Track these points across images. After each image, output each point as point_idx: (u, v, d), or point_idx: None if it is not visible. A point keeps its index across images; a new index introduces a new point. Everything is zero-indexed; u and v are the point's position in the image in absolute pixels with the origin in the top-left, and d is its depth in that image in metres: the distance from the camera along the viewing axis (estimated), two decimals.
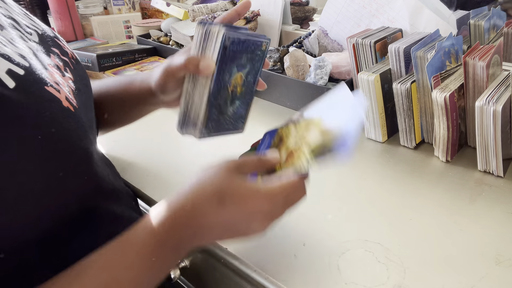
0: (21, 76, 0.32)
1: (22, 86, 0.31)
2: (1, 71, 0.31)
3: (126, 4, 1.37)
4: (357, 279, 0.42)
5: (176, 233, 0.36)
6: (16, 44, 0.36)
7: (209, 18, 0.94)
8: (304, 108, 0.45)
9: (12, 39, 0.36)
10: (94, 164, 0.39)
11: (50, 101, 0.33)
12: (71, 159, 0.35)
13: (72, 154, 0.35)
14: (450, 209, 0.52)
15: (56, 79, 0.37)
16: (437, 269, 0.43)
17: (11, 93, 0.30)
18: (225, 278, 0.50)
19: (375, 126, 0.67)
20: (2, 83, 0.30)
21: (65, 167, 0.34)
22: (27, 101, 0.31)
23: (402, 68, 0.65)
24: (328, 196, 0.55)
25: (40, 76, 0.35)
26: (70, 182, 0.35)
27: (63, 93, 0.36)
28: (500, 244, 0.46)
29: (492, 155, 0.57)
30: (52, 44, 0.42)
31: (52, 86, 0.35)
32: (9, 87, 0.30)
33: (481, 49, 0.60)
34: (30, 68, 0.34)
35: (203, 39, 0.43)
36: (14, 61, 0.33)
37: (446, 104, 0.57)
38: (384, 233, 0.48)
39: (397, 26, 0.76)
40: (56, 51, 0.42)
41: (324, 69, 0.76)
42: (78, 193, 0.37)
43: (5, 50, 0.33)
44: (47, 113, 0.33)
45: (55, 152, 0.33)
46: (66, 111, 0.35)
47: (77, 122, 0.36)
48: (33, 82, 0.33)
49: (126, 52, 1.04)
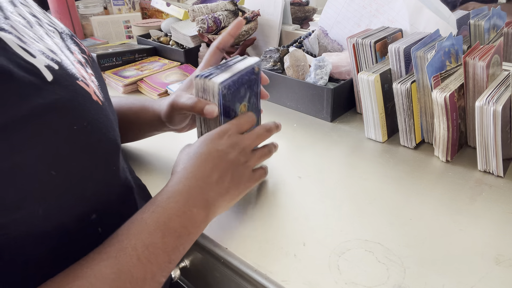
0: (57, 71, 0.34)
1: (58, 79, 0.33)
2: (40, 64, 0.32)
3: (126, 4, 1.37)
4: (357, 279, 0.42)
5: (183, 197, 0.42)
6: (46, 41, 0.37)
7: (209, 18, 0.94)
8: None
9: (42, 36, 0.38)
10: (120, 156, 0.42)
11: (82, 95, 0.35)
12: (102, 150, 0.37)
13: (103, 145, 0.37)
14: (450, 209, 0.52)
15: (82, 74, 0.38)
16: (437, 269, 0.43)
17: (49, 86, 0.32)
18: (225, 278, 0.50)
19: (375, 126, 0.67)
20: (42, 77, 0.31)
21: (97, 157, 0.36)
22: (63, 94, 0.33)
23: (402, 68, 0.65)
24: (328, 196, 0.55)
25: (72, 71, 0.36)
26: (100, 172, 0.37)
27: (91, 87, 0.38)
28: (500, 244, 0.46)
29: (492, 155, 0.57)
30: (72, 42, 0.44)
31: (82, 81, 0.37)
32: (48, 81, 0.32)
33: (481, 49, 0.60)
34: (62, 63, 0.36)
35: (203, 92, 0.48)
36: (49, 56, 0.34)
37: (446, 104, 0.57)
38: (384, 233, 0.48)
39: (397, 26, 0.76)
40: (76, 48, 0.43)
41: (324, 69, 0.76)
42: (106, 183, 0.39)
43: (39, 46, 0.35)
44: (81, 105, 0.34)
45: (89, 143, 0.34)
46: (95, 104, 0.36)
47: (105, 115, 0.38)
48: (67, 76, 0.35)
49: (126, 52, 1.04)
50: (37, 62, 0.32)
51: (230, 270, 0.47)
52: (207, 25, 0.94)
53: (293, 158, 0.65)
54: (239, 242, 0.48)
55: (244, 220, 0.51)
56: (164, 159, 0.67)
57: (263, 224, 0.50)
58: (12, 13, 0.36)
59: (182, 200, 0.41)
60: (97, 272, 0.34)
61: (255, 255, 0.46)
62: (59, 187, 0.32)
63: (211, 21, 0.95)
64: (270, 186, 0.58)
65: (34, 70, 0.31)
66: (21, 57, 0.31)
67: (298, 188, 0.57)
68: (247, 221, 0.51)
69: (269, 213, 0.52)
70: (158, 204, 0.40)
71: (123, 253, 0.36)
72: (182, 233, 0.40)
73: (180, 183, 0.43)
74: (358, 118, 0.77)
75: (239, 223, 0.51)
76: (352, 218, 0.51)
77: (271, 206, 0.54)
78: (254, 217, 0.52)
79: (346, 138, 0.71)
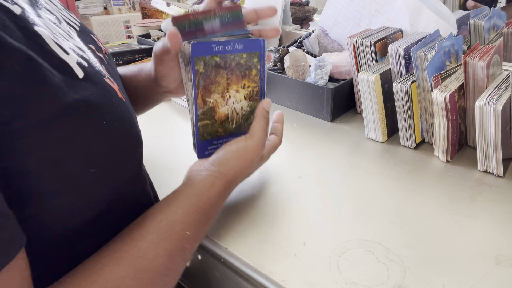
0: (87, 68, 0.35)
1: (89, 76, 0.34)
2: (73, 62, 0.33)
3: (126, 4, 1.38)
4: (357, 279, 0.42)
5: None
6: (74, 38, 0.38)
7: None
8: None
9: (70, 32, 0.38)
10: (142, 151, 0.42)
11: (110, 92, 0.36)
12: (128, 144, 0.38)
13: (129, 139, 0.38)
14: (450, 209, 0.52)
15: (105, 72, 0.39)
16: (437, 269, 0.43)
17: (82, 82, 0.33)
18: (225, 278, 0.50)
19: (375, 126, 0.67)
20: (74, 74, 0.33)
21: (124, 151, 0.37)
22: (95, 90, 0.34)
23: (402, 68, 0.65)
24: (328, 196, 0.55)
25: (98, 68, 0.37)
26: (125, 166, 0.38)
27: (115, 85, 0.38)
28: (500, 244, 0.46)
29: (492, 155, 0.57)
30: (90, 40, 0.44)
31: (108, 78, 0.37)
32: (79, 77, 0.33)
33: (481, 49, 0.60)
34: (89, 61, 0.37)
35: (182, 55, 0.47)
36: (79, 54, 0.36)
37: (446, 104, 0.57)
38: (384, 233, 0.48)
39: (397, 26, 0.76)
40: (93, 47, 0.44)
41: (324, 69, 0.76)
42: (129, 176, 0.40)
43: (69, 44, 0.36)
44: (110, 102, 0.35)
45: (116, 137, 0.35)
46: (120, 100, 0.38)
47: (129, 111, 0.39)
48: (95, 74, 0.36)
49: (126, 52, 1.04)
50: (70, 59, 0.33)
51: (230, 270, 0.47)
52: None
53: (293, 158, 0.65)
54: (239, 242, 0.48)
55: (244, 220, 0.51)
56: (167, 162, 0.67)
57: (263, 224, 0.50)
58: (41, 10, 0.37)
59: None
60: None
61: (255, 255, 0.46)
62: (91, 181, 0.33)
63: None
64: (270, 186, 0.58)
65: (67, 68, 0.32)
66: (56, 55, 0.32)
67: (298, 188, 0.57)
68: (247, 221, 0.51)
69: (269, 213, 0.52)
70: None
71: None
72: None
73: (228, 189, 0.47)
74: (358, 118, 0.77)
75: (239, 223, 0.51)
76: (352, 218, 0.51)
77: (271, 206, 0.54)
78: (254, 217, 0.52)
79: (346, 138, 0.71)
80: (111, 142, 0.35)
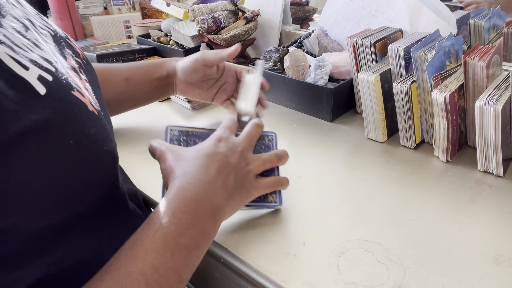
0: (50, 82, 0.32)
1: (52, 92, 0.31)
2: (33, 78, 0.30)
3: (126, 4, 1.37)
4: (357, 279, 0.42)
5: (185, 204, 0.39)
6: (41, 47, 0.35)
7: (209, 18, 0.94)
8: None
9: (37, 40, 0.36)
10: (117, 167, 0.40)
11: (78, 106, 0.33)
12: (99, 162, 0.35)
13: (101, 157, 0.35)
14: (450, 209, 0.52)
15: (77, 83, 0.36)
16: (437, 269, 0.43)
17: (42, 99, 0.30)
18: (225, 278, 0.50)
19: (375, 126, 0.67)
20: (34, 90, 0.30)
21: (95, 169, 0.34)
22: (58, 107, 0.31)
23: (402, 68, 0.65)
24: (328, 196, 0.55)
25: (66, 80, 0.34)
26: (97, 185, 0.36)
27: (87, 97, 0.36)
28: (500, 244, 0.46)
29: (492, 155, 0.57)
30: (65, 45, 0.42)
31: (78, 91, 0.35)
32: (41, 94, 0.30)
33: (481, 49, 0.60)
34: (56, 73, 0.34)
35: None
36: (42, 66, 0.32)
37: (446, 104, 0.57)
38: (384, 233, 0.48)
39: (397, 26, 0.76)
40: (69, 52, 0.42)
41: (324, 69, 0.76)
42: (103, 194, 0.37)
43: (33, 55, 0.32)
44: (77, 118, 0.33)
45: (85, 156, 0.33)
46: (91, 115, 0.35)
47: (102, 126, 0.36)
48: (61, 88, 0.33)
49: (126, 52, 1.04)
50: (29, 74, 0.30)
51: (230, 270, 0.47)
52: (207, 25, 0.94)
53: (293, 158, 0.65)
54: (239, 242, 0.48)
55: (244, 220, 0.51)
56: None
57: (263, 224, 0.50)
58: (5, 18, 0.34)
59: (190, 210, 0.38)
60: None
61: (255, 255, 0.46)
62: (59, 202, 0.31)
63: (211, 21, 0.95)
64: None
65: (25, 85, 0.29)
66: (13, 72, 0.29)
67: (298, 188, 0.57)
68: (247, 221, 0.51)
69: (269, 213, 0.52)
70: (163, 218, 0.37)
71: (130, 279, 0.33)
72: (192, 247, 0.37)
73: (185, 189, 0.40)
74: (358, 118, 0.77)
75: (239, 223, 0.51)
76: (352, 218, 0.51)
77: None
78: (254, 217, 0.52)
79: (346, 138, 0.71)
80: (78, 162, 0.32)
